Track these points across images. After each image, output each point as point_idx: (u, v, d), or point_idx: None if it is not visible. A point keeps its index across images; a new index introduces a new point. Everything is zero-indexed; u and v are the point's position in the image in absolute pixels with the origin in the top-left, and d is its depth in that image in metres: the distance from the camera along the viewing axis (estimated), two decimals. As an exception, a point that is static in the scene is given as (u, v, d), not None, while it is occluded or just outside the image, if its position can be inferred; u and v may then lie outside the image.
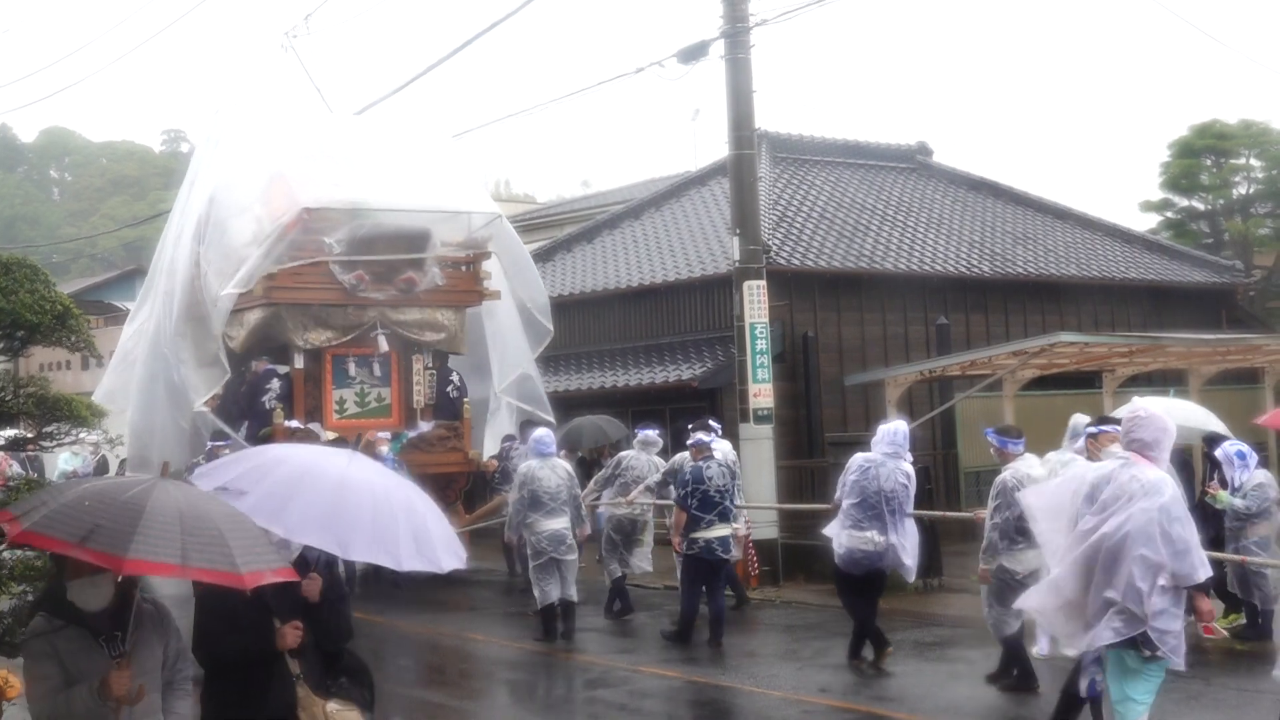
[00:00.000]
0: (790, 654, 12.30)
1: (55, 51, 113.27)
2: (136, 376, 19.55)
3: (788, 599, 15.81)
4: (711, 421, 15.15)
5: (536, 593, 13.19)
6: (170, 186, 79.54)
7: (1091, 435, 9.48)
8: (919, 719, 9.71)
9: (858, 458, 11.54)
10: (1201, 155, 36.20)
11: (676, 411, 21.91)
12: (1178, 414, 12.99)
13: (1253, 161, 36.28)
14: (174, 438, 18.60)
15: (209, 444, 17.04)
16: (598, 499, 15.71)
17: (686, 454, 13.82)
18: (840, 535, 11.41)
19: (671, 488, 13.90)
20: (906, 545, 11.27)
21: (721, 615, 12.78)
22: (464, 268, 19.28)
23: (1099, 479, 7.15)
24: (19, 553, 7.73)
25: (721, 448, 14.08)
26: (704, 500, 12.57)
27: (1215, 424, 13.43)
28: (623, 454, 15.67)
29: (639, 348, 24.09)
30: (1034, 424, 22.18)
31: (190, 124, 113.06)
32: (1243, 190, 36.72)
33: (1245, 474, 11.85)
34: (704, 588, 12.93)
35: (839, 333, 22.92)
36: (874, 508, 11.15)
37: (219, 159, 19.41)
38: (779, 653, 12.47)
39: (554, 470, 13.38)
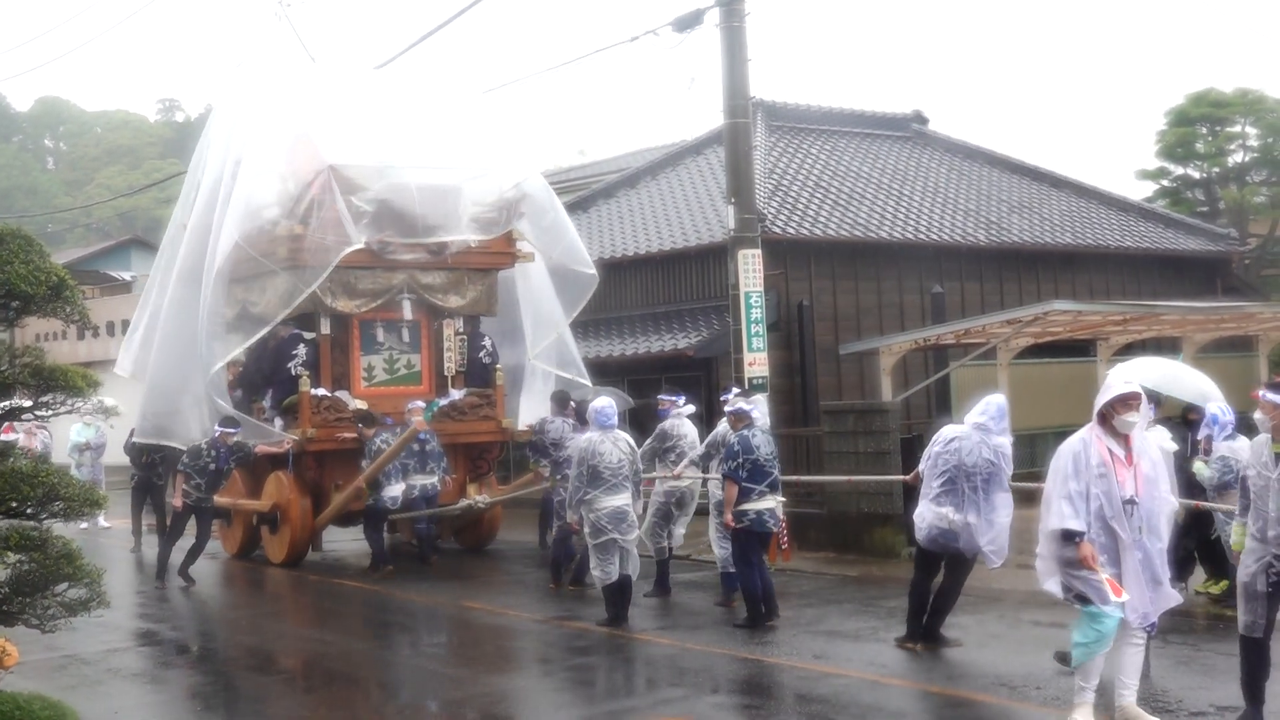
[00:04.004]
0: (787, 621, 12.33)
1: (49, 20, 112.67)
2: (156, 344, 19.23)
3: (783, 566, 15.85)
4: (738, 390, 15.13)
5: (597, 573, 12.52)
6: (165, 155, 79.43)
7: (1269, 404, 8.11)
8: (909, 684, 9.78)
9: (945, 430, 10.95)
10: (1197, 123, 36.18)
11: (672, 381, 21.96)
12: (1175, 377, 13.05)
13: (1249, 129, 36.27)
14: (195, 410, 18.30)
15: (216, 429, 16.80)
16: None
17: (725, 427, 13.36)
18: (923, 509, 10.84)
19: (714, 460, 13.46)
20: (989, 527, 10.57)
21: (771, 586, 12.36)
22: (496, 228, 18.57)
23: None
24: (14, 521, 7.76)
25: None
26: (754, 470, 12.03)
27: (1209, 387, 13.42)
28: (665, 424, 14.60)
29: (634, 317, 24.13)
30: (1028, 393, 22.36)
31: (185, 93, 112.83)
32: (1238, 158, 36.72)
33: (1224, 434, 11.88)
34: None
35: (834, 301, 22.97)
36: (952, 482, 10.58)
37: (240, 118, 18.93)
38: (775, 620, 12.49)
39: (616, 444, 12.47)
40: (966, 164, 29.19)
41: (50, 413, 8.22)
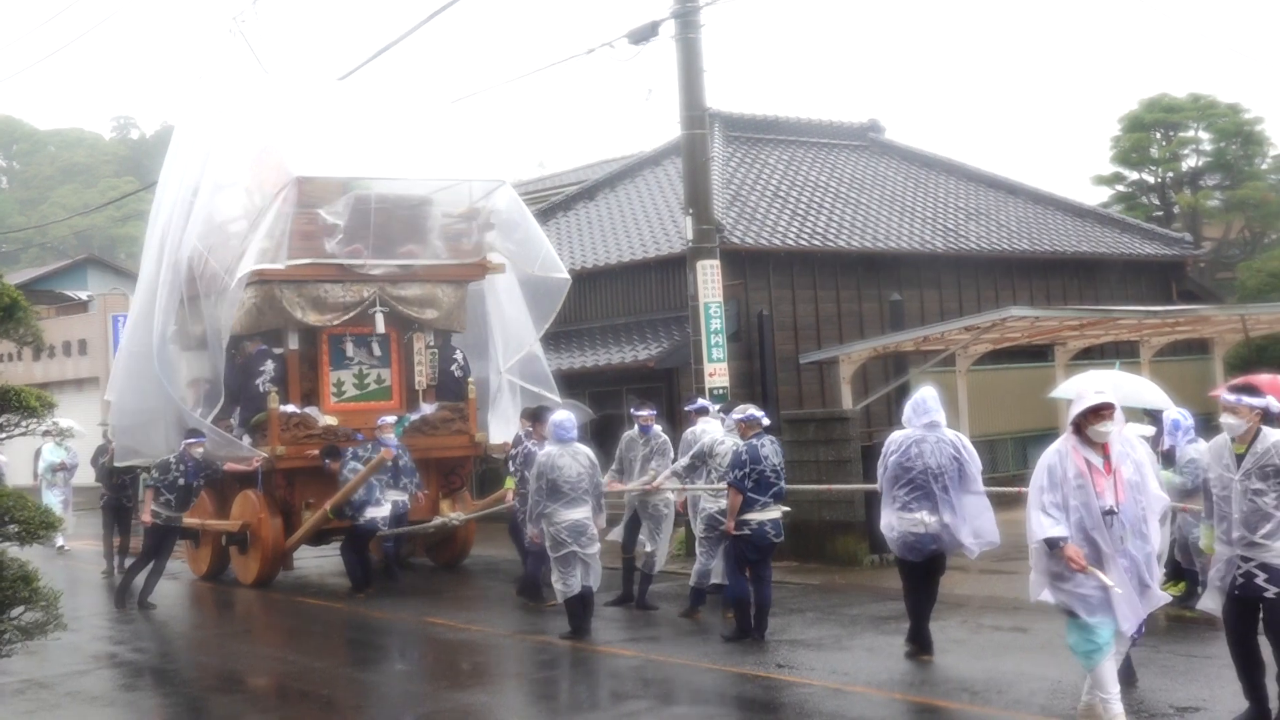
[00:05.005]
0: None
1: None
2: (121, 364, 18.91)
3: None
4: (703, 401, 15.11)
5: (559, 586, 12.47)
6: (121, 173, 78.83)
7: (1229, 407, 8.08)
8: (872, 691, 9.80)
9: (895, 436, 10.71)
10: (1151, 129, 36.55)
11: (633, 392, 21.98)
12: (1123, 388, 13.18)
13: (1201, 134, 36.67)
14: (163, 427, 18.00)
15: (182, 441, 16.54)
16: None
17: (712, 434, 13.37)
18: (890, 519, 10.62)
19: (702, 469, 13.30)
20: (965, 524, 10.41)
21: (768, 603, 12.12)
22: (466, 239, 18.39)
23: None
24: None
25: (712, 427, 13.95)
26: (760, 481, 11.82)
27: (1157, 395, 13.54)
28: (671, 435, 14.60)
29: (595, 329, 24.13)
30: (987, 398, 22.51)
31: (140, 110, 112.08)
32: (1192, 163, 37.12)
33: (1186, 438, 11.97)
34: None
35: (793, 311, 23.04)
36: (921, 487, 10.37)
37: (204, 131, 18.68)
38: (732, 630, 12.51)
39: (575, 457, 12.43)
40: (923, 172, 29.35)
41: (4, 435, 8.16)
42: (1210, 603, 8.30)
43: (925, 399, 10.63)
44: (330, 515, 16.49)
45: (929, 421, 10.51)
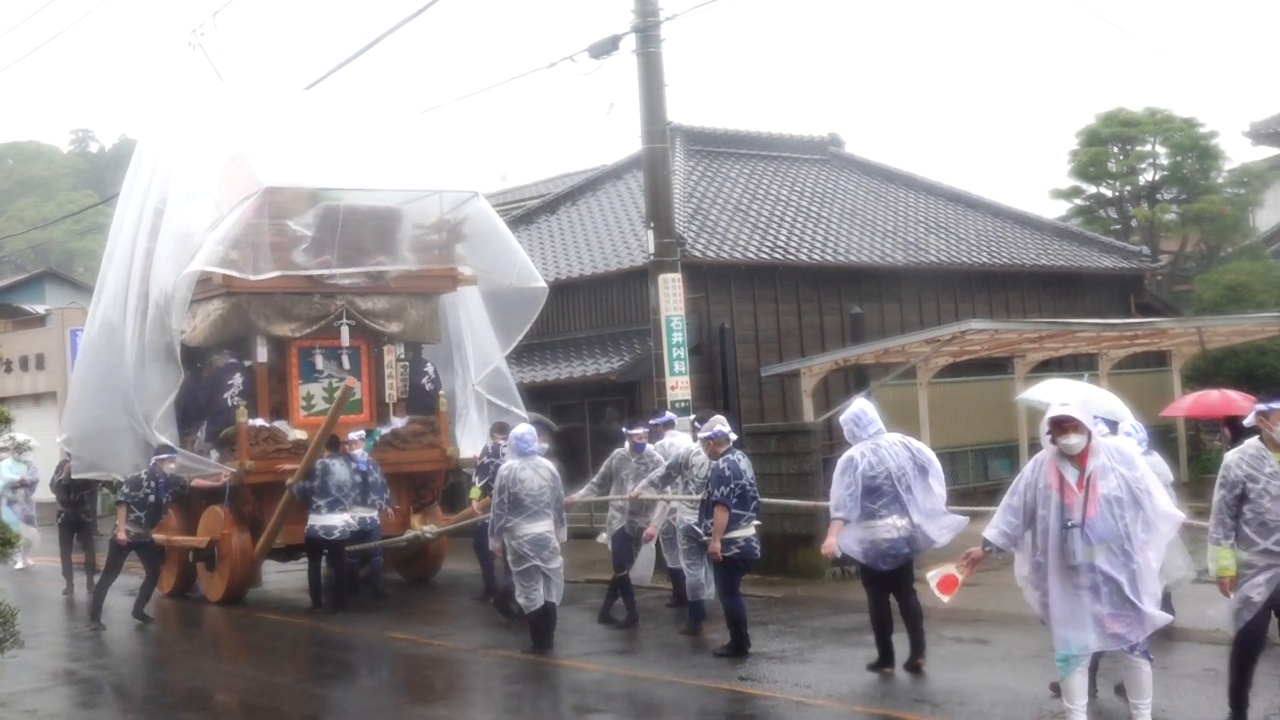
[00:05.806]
0: (712, 644, 12.35)
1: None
2: (79, 378, 18.60)
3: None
4: (669, 414, 15.09)
5: (522, 600, 12.39)
6: (79, 187, 78.32)
7: (1263, 414, 8.00)
8: (833, 703, 9.82)
9: (845, 456, 10.69)
10: (1109, 143, 36.80)
11: (595, 405, 21.98)
12: (1093, 400, 13.24)
13: (1158, 148, 36.92)
14: (127, 441, 17.68)
15: (153, 457, 16.27)
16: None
17: (685, 445, 13.37)
18: (857, 533, 10.54)
19: (679, 482, 13.26)
20: (931, 521, 10.52)
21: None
22: (437, 251, 18.23)
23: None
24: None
25: (680, 440, 13.88)
26: (742, 496, 11.70)
27: (1119, 408, 13.62)
28: (652, 446, 14.37)
29: (556, 342, 24.11)
30: (948, 410, 22.63)
31: (99, 123, 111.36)
32: (1149, 176, 37.35)
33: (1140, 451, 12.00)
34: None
35: (755, 324, 23.11)
36: (887, 493, 10.40)
37: (170, 140, 18.41)
38: (700, 644, 12.52)
39: (537, 470, 12.38)
40: (883, 186, 29.51)
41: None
42: (1226, 614, 8.21)
43: (864, 410, 10.77)
44: (290, 489, 16.03)
45: (875, 430, 10.66)
